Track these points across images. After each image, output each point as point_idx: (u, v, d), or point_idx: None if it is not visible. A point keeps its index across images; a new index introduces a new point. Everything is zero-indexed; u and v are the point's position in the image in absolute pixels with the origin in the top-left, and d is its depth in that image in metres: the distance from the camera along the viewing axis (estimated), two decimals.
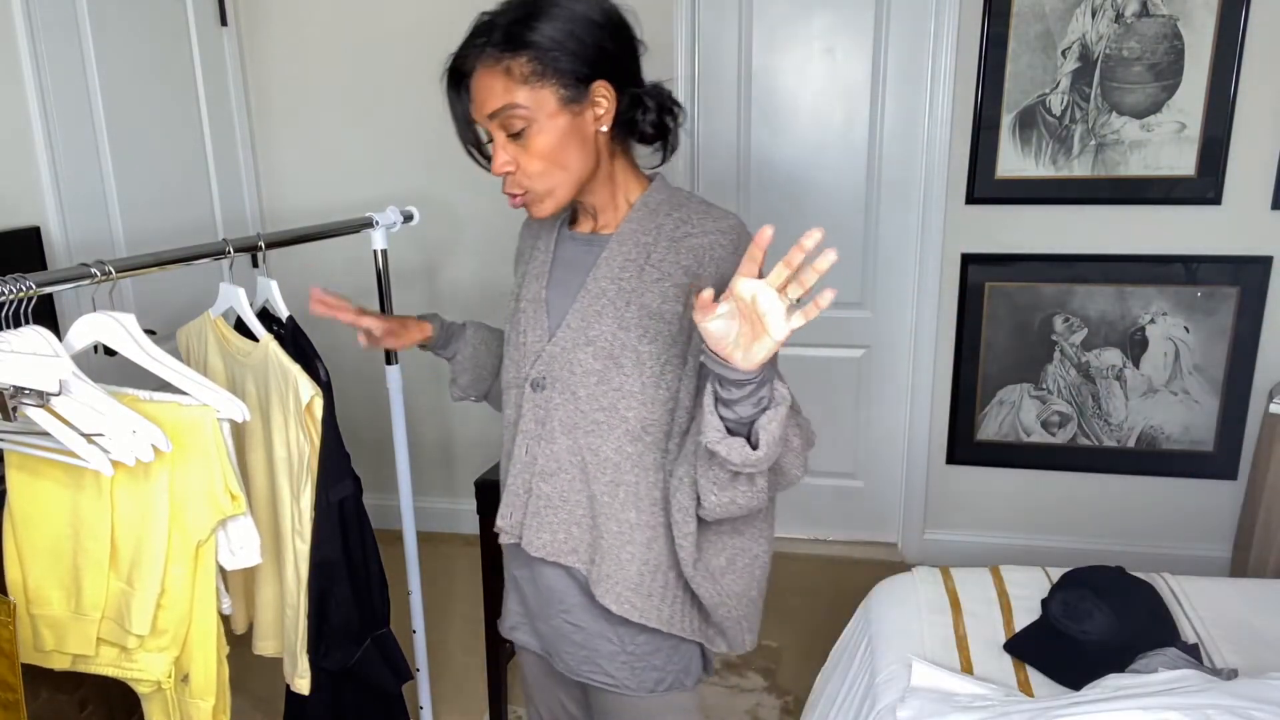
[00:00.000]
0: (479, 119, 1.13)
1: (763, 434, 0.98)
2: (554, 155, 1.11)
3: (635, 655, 1.25)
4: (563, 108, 1.09)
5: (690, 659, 1.31)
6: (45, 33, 2.17)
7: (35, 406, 1.10)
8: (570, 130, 1.10)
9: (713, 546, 1.22)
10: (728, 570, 1.23)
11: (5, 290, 1.15)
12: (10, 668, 1.23)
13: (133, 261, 1.39)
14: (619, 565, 1.19)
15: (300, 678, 1.57)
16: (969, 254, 2.77)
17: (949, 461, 2.97)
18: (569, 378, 1.18)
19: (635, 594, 1.20)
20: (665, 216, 1.17)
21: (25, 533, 1.31)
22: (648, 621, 1.21)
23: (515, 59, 1.07)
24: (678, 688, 1.30)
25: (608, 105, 1.11)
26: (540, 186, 1.13)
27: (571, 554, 1.22)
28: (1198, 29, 2.48)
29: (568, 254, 1.25)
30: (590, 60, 1.09)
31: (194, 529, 1.27)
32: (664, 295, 1.14)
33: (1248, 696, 1.37)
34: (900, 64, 2.75)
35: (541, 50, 1.07)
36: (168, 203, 2.64)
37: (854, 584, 2.66)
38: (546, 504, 1.22)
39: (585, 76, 1.09)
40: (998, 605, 1.84)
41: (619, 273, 1.16)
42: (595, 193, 1.19)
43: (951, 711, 1.46)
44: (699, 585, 1.20)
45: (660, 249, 1.15)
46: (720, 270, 1.13)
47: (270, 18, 2.96)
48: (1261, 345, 2.66)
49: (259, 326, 1.52)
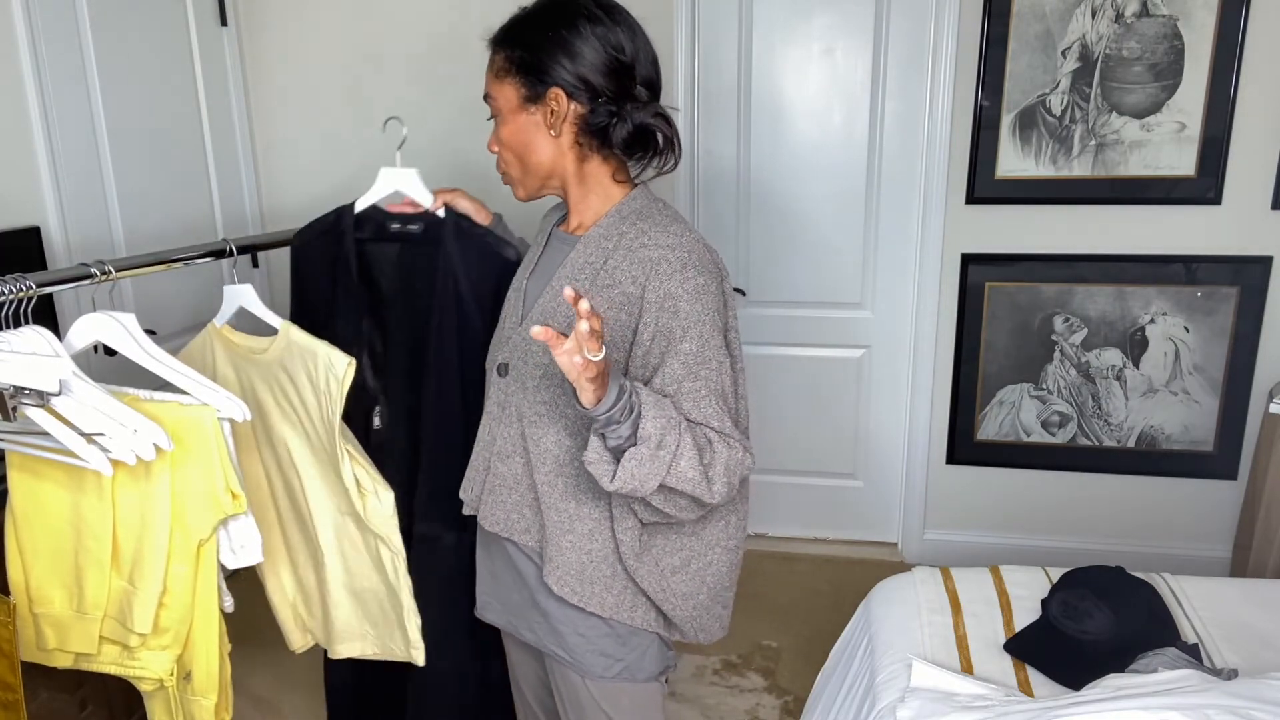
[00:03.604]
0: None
1: (620, 470, 1.07)
2: (513, 145, 1.25)
3: (585, 638, 1.29)
4: (522, 105, 1.22)
5: (643, 652, 1.31)
6: (45, 33, 2.17)
7: (35, 406, 1.10)
8: (527, 126, 1.23)
9: (669, 545, 1.26)
10: (680, 570, 1.27)
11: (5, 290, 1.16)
12: (10, 667, 1.24)
13: (133, 261, 1.39)
14: (559, 551, 1.24)
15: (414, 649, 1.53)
16: (969, 254, 2.77)
17: (949, 461, 2.97)
18: (523, 367, 1.25)
19: (578, 580, 1.24)
20: (630, 225, 1.21)
21: (27, 532, 1.31)
22: (587, 606, 1.25)
23: (498, 53, 1.23)
24: (627, 678, 1.31)
25: (558, 111, 1.20)
26: (511, 171, 1.29)
27: (525, 533, 1.28)
28: (1198, 29, 2.48)
29: (551, 250, 1.33)
30: (547, 68, 1.19)
31: (195, 528, 1.27)
32: (610, 301, 1.18)
33: (1248, 696, 1.37)
34: (900, 64, 2.75)
35: (513, 50, 1.21)
36: (168, 203, 2.63)
37: (854, 584, 2.67)
38: (501, 483, 1.29)
39: (544, 81, 1.19)
40: (998, 605, 1.84)
41: (576, 274, 1.22)
42: (568, 191, 1.28)
43: (951, 711, 1.46)
44: (642, 579, 1.24)
45: (617, 256, 1.20)
46: (663, 286, 1.15)
47: (270, 18, 2.96)
48: (1261, 345, 2.66)
49: (274, 318, 1.53)
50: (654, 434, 1.07)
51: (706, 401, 1.15)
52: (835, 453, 3.12)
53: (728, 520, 1.30)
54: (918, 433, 2.98)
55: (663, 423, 1.08)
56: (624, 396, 1.06)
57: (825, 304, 2.96)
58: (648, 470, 1.08)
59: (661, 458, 1.08)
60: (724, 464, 1.14)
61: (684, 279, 1.15)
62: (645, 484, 1.09)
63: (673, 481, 1.10)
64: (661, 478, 1.09)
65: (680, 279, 1.15)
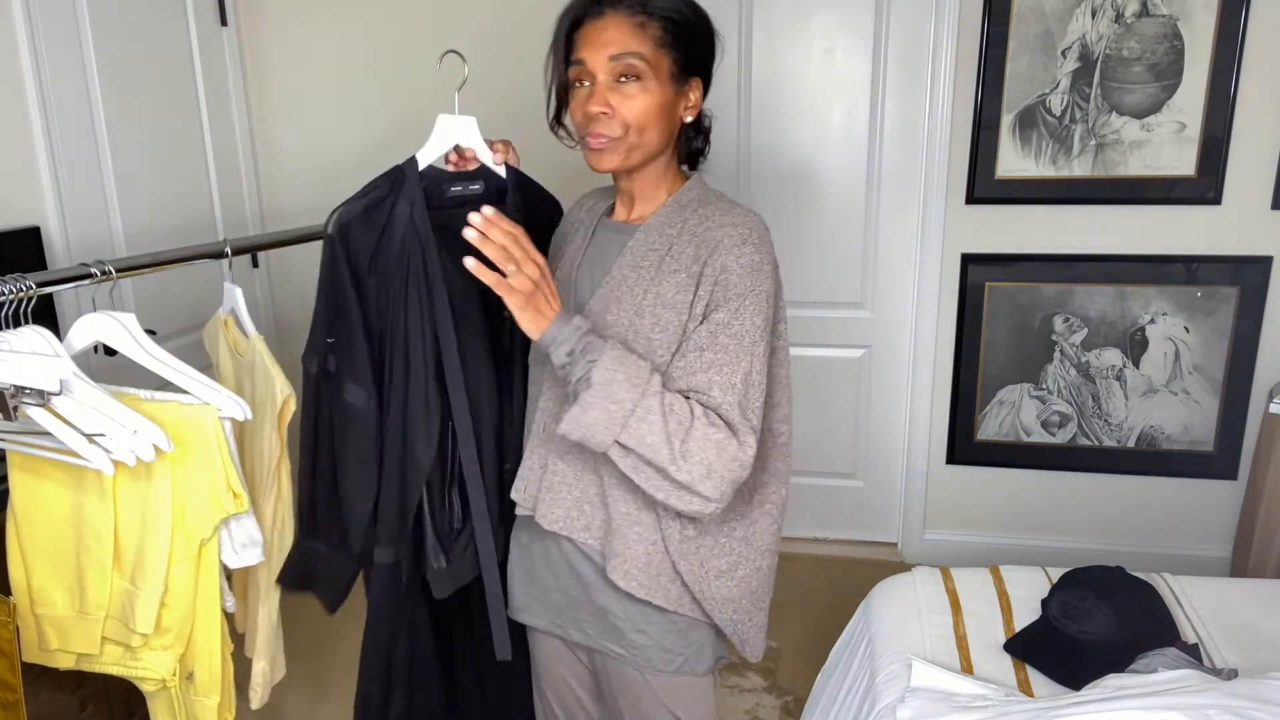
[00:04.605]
0: (593, 57, 1.17)
1: (567, 414, 1.11)
2: (645, 115, 1.19)
3: (646, 634, 1.28)
4: (669, 81, 1.20)
5: (703, 644, 1.31)
6: (45, 33, 2.17)
7: (36, 406, 1.10)
8: (666, 104, 1.20)
9: (718, 548, 1.25)
10: (725, 575, 1.26)
11: (5, 290, 1.16)
12: (10, 667, 1.24)
13: (133, 261, 1.39)
14: (626, 544, 1.22)
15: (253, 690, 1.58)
16: (969, 254, 2.77)
17: (949, 461, 2.97)
18: None
19: (643, 572, 1.23)
20: (692, 213, 1.23)
21: (28, 533, 1.31)
22: (653, 599, 1.24)
23: (650, 21, 1.18)
24: (687, 671, 1.31)
25: (695, 101, 1.24)
26: (617, 135, 1.19)
27: (584, 530, 1.26)
28: (1198, 29, 2.48)
29: (601, 240, 1.31)
30: (699, 57, 1.22)
31: (197, 528, 1.27)
32: (678, 285, 1.18)
33: (1248, 696, 1.37)
34: (900, 64, 2.75)
35: (673, 24, 1.18)
36: (168, 203, 2.63)
37: (854, 584, 2.66)
38: (561, 480, 1.26)
39: (691, 68, 1.22)
40: (998, 605, 1.84)
41: (640, 261, 1.21)
42: (645, 175, 1.26)
43: (951, 711, 1.46)
44: (686, 574, 1.23)
45: (682, 241, 1.21)
46: (720, 260, 1.17)
47: (270, 18, 2.96)
48: (1261, 345, 2.66)
49: (250, 326, 1.52)
50: (602, 381, 1.08)
51: (718, 372, 1.13)
52: (835, 452, 3.12)
53: (777, 524, 1.30)
54: (918, 433, 2.98)
55: (620, 375, 1.09)
56: (575, 333, 1.11)
57: (825, 304, 2.95)
58: (594, 418, 1.08)
59: (614, 412, 1.08)
60: (701, 442, 1.10)
61: (740, 254, 1.17)
62: (594, 435, 1.09)
63: (629, 441, 1.09)
64: (615, 435, 1.09)
65: (737, 253, 1.17)
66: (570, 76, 1.21)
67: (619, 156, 1.21)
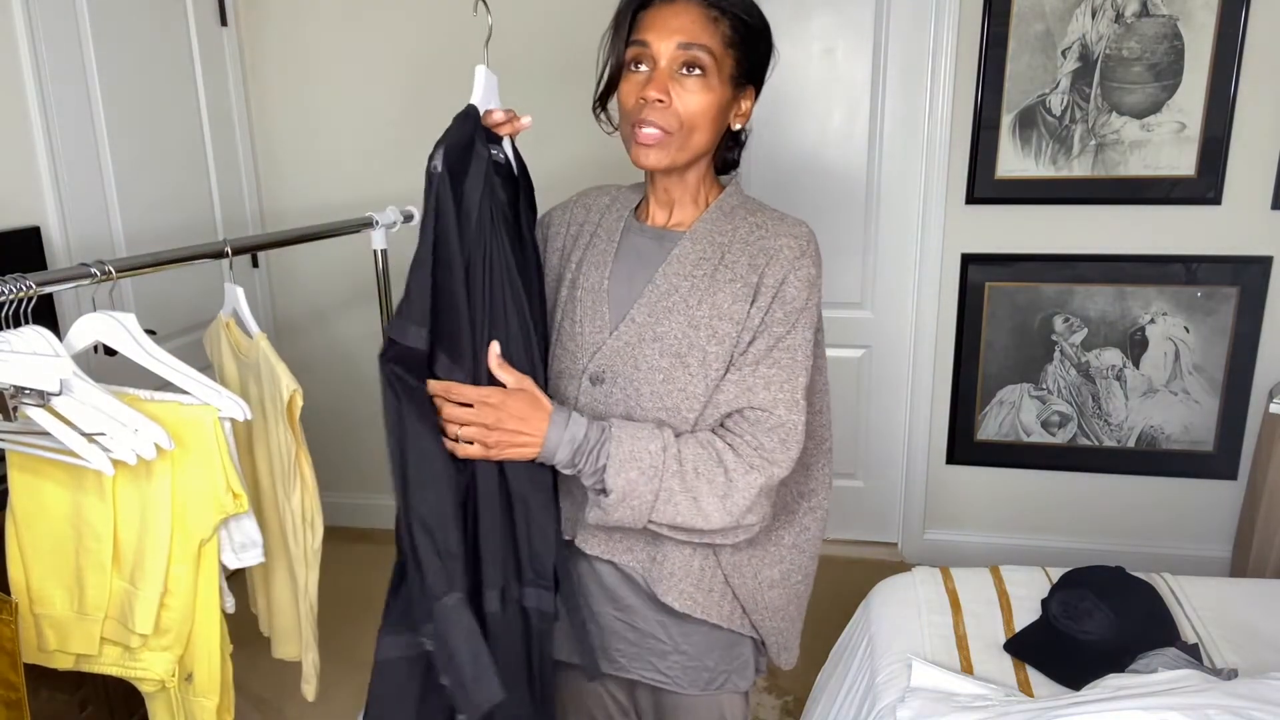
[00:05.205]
0: (659, 41, 1.11)
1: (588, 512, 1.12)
2: (702, 114, 1.13)
3: (688, 655, 1.24)
4: (729, 83, 1.15)
5: (745, 660, 1.29)
6: (45, 33, 2.17)
7: (36, 406, 1.10)
8: (722, 106, 1.15)
9: (769, 557, 1.24)
10: (779, 584, 1.25)
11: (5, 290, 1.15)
12: (12, 666, 1.24)
13: (133, 261, 1.39)
14: (682, 562, 1.19)
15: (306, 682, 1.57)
16: (969, 254, 2.77)
17: (949, 461, 2.97)
18: (633, 374, 1.16)
19: (698, 590, 1.20)
20: (741, 220, 1.19)
21: (27, 533, 1.31)
22: (709, 618, 1.21)
23: (723, 16, 1.13)
24: (730, 689, 1.28)
25: (746, 110, 1.20)
26: (671, 130, 1.12)
27: (626, 552, 1.21)
28: (1198, 29, 2.48)
29: (635, 246, 1.23)
30: (758, 65, 1.18)
31: (196, 528, 1.27)
32: (734, 295, 1.14)
33: (1248, 696, 1.37)
34: (900, 64, 2.75)
35: (744, 25, 1.14)
36: (168, 203, 2.63)
37: (854, 584, 2.66)
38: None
39: (750, 74, 1.18)
40: (998, 605, 1.84)
41: (692, 270, 1.16)
42: (690, 179, 1.20)
43: (951, 711, 1.46)
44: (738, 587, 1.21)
45: (735, 250, 1.17)
46: (779, 272, 1.15)
47: (270, 18, 2.96)
48: (1261, 345, 2.66)
49: (254, 325, 1.52)
50: (619, 488, 1.07)
51: (779, 389, 1.12)
52: (835, 452, 3.10)
53: (823, 527, 1.29)
54: (918, 433, 2.97)
55: (634, 472, 1.07)
56: (569, 443, 1.09)
57: (825, 304, 2.92)
58: (619, 517, 1.09)
59: (637, 507, 1.08)
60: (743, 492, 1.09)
61: (798, 266, 1.15)
62: (625, 524, 1.10)
63: (660, 520, 1.09)
64: (644, 522, 1.09)
65: (795, 265, 1.15)
66: (627, 57, 1.14)
67: (668, 155, 1.14)
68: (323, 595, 1.57)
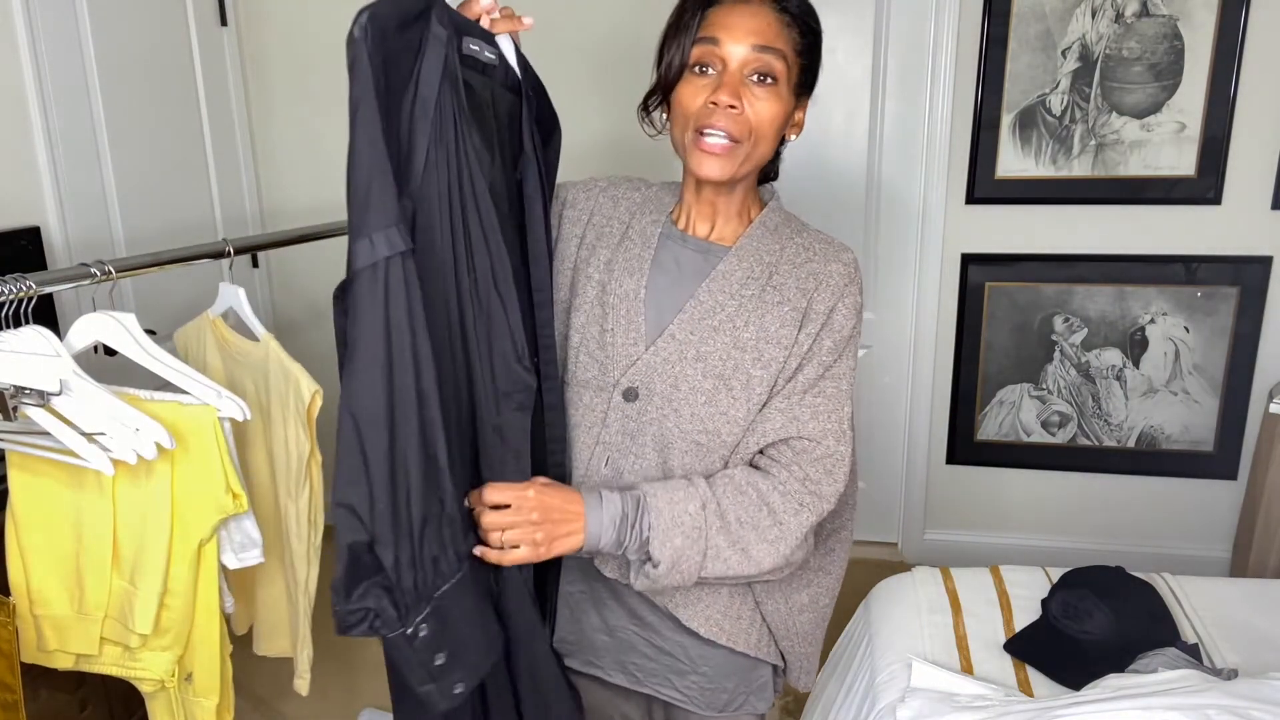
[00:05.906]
0: (732, 41, 1.05)
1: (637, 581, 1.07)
2: (770, 125, 1.09)
3: (706, 676, 1.22)
4: (793, 93, 1.12)
5: (764, 683, 1.27)
6: (45, 33, 2.17)
7: (36, 406, 1.10)
8: (786, 117, 1.12)
9: (798, 581, 1.22)
10: (808, 608, 1.23)
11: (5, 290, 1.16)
12: (10, 668, 1.24)
13: (133, 261, 1.39)
14: (711, 589, 1.15)
15: (300, 678, 1.57)
16: (969, 254, 2.77)
17: (949, 461, 2.97)
18: (672, 393, 1.10)
19: (725, 617, 1.17)
20: (787, 240, 1.15)
21: (27, 533, 1.31)
22: (735, 645, 1.18)
23: (794, 22, 1.10)
24: (748, 711, 1.26)
25: (799, 122, 1.16)
26: (746, 140, 1.07)
27: None
28: (1198, 29, 2.48)
29: (674, 256, 1.16)
30: (814, 80, 1.16)
31: (196, 528, 1.27)
32: (782, 319, 1.10)
33: (1248, 696, 1.37)
34: (900, 64, 2.75)
35: (811, 33, 1.12)
36: (168, 203, 2.63)
37: (854, 584, 2.66)
38: None
39: (807, 87, 1.15)
40: (998, 605, 1.84)
41: (739, 289, 1.11)
42: (740, 191, 1.15)
43: (951, 711, 1.46)
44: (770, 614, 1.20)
45: (783, 271, 1.12)
46: (829, 300, 1.11)
47: (270, 18, 2.96)
48: (1261, 345, 2.66)
49: (258, 325, 1.52)
50: (666, 558, 1.03)
51: (828, 419, 1.09)
52: None
53: (848, 548, 1.27)
54: (918, 433, 2.97)
55: (679, 539, 1.03)
56: (610, 524, 1.03)
57: None
58: (670, 584, 1.05)
59: (687, 570, 1.04)
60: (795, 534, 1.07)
61: (847, 294, 1.11)
62: (675, 586, 1.07)
63: (710, 575, 1.07)
64: (690, 583, 1.07)
65: (844, 293, 1.11)
66: (692, 57, 1.06)
67: (732, 165, 1.07)
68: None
